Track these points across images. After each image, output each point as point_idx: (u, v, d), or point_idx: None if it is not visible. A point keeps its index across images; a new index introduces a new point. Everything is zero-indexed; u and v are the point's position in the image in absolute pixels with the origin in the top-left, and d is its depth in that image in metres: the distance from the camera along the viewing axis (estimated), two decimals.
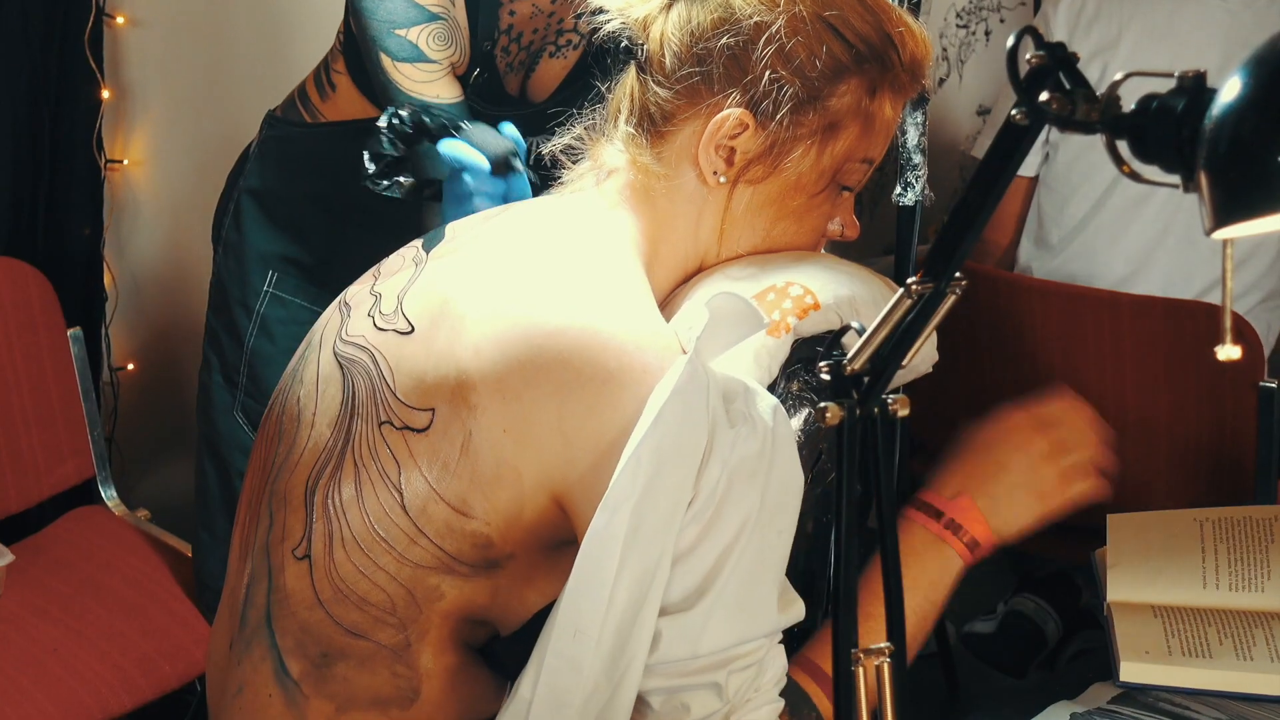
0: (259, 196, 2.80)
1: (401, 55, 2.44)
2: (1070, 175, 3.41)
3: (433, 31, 2.45)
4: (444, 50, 2.46)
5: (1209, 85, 1.10)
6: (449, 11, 2.47)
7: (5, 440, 2.99)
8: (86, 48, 3.31)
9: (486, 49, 2.52)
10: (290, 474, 1.68)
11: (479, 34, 2.50)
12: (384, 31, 2.44)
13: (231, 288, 2.81)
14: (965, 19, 4.77)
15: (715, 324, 1.52)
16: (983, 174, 1.20)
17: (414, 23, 2.44)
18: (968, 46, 4.80)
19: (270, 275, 2.77)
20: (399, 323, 1.65)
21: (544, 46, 2.62)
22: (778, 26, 1.69)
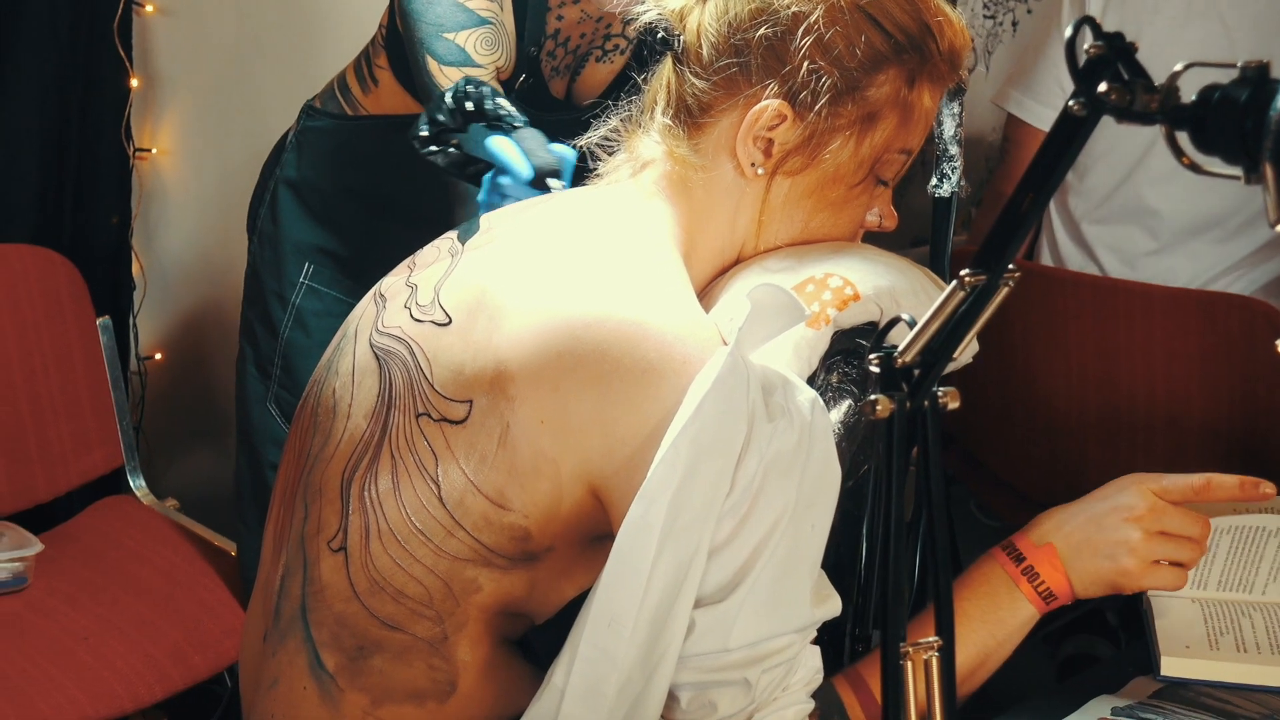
0: (296, 187, 2.80)
1: (449, 59, 2.44)
2: (1093, 143, 3.39)
3: (480, 36, 2.45)
4: (490, 55, 2.46)
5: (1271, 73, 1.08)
6: (497, 16, 2.47)
7: (34, 429, 3.00)
8: (115, 36, 3.33)
9: (533, 54, 2.52)
10: (326, 466, 1.67)
11: (526, 39, 2.51)
12: (432, 35, 2.44)
13: (267, 279, 2.81)
14: (992, 9, 4.75)
15: (756, 315, 1.51)
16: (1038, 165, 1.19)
17: (462, 27, 2.44)
18: (995, 37, 4.79)
19: (306, 267, 2.77)
20: (436, 314, 1.64)
21: (590, 51, 2.62)
22: (816, 16, 1.68)
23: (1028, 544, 1.84)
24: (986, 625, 1.78)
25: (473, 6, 2.45)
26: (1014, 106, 3.47)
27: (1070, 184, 3.46)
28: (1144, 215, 3.35)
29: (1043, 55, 3.40)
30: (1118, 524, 1.85)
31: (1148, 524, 1.85)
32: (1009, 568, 1.82)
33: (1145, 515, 1.85)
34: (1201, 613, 2.00)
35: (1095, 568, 1.83)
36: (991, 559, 1.84)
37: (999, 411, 3.33)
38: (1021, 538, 1.85)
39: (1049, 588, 1.81)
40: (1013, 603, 1.80)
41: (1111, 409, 3.11)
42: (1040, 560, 1.82)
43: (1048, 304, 3.15)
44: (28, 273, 3.00)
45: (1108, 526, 1.85)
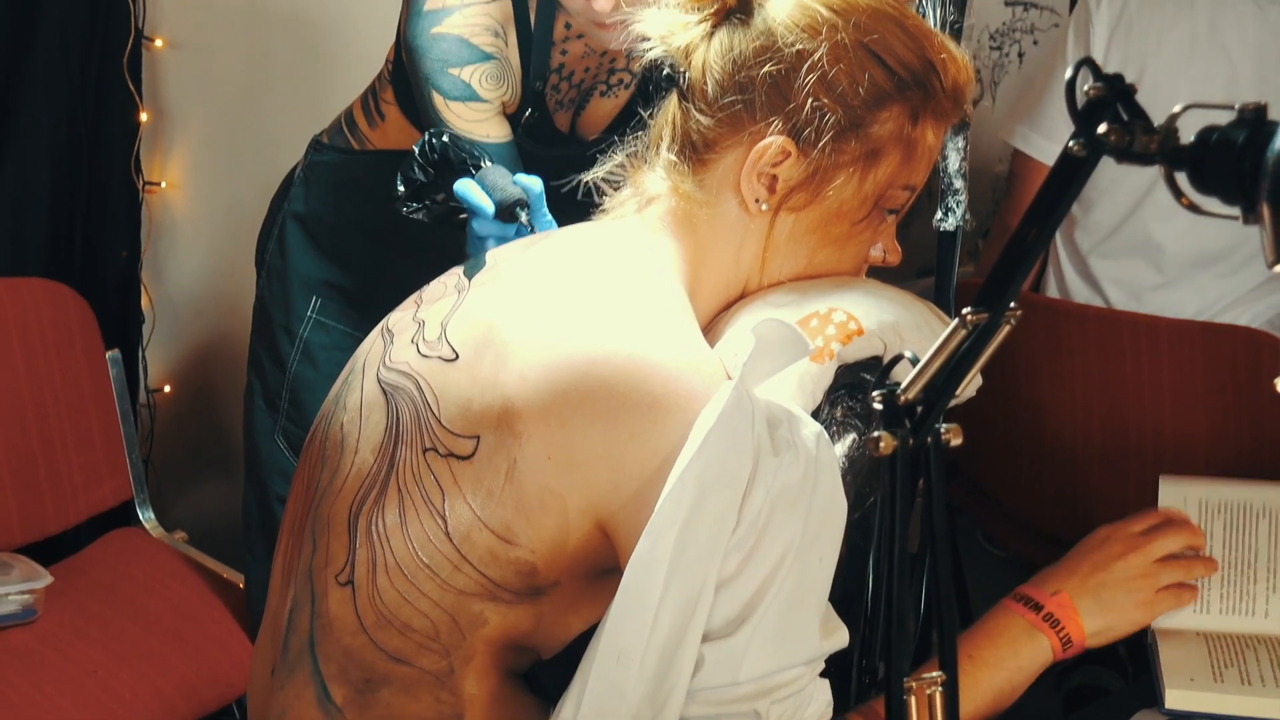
0: (304, 221, 2.81)
1: (454, 94, 2.45)
2: (1098, 178, 3.40)
3: (485, 71, 2.47)
4: (496, 90, 2.48)
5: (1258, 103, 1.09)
6: (502, 52, 2.48)
7: (44, 462, 3.01)
8: (125, 70, 3.34)
9: (538, 88, 2.54)
10: (334, 500, 1.67)
11: (531, 73, 2.52)
12: (438, 70, 2.45)
13: (275, 312, 2.82)
14: (998, 41, 4.77)
15: (761, 350, 1.52)
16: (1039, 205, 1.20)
17: (467, 62, 2.46)
18: (1001, 69, 4.80)
19: (314, 300, 2.78)
20: (443, 350, 1.65)
21: (595, 85, 2.63)
22: (820, 54, 1.68)
23: (1041, 594, 1.89)
24: (1004, 671, 1.82)
25: (478, 42, 2.46)
26: (1019, 141, 3.48)
27: (1076, 218, 3.47)
28: (1149, 249, 3.36)
29: (1047, 90, 3.42)
30: (1113, 562, 1.93)
31: (1144, 555, 1.95)
32: (1028, 616, 1.87)
33: (1139, 551, 1.95)
34: (1206, 645, 2.01)
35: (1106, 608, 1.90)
36: (1007, 610, 1.89)
37: (1004, 442, 3.34)
38: (1033, 589, 1.90)
39: (1068, 633, 1.86)
40: (1034, 649, 1.85)
41: (1117, 440, 3.12)
42: (1057, 607, 1.87)
43: (1053, 336, 3.15)
44: (39, 306, 3.01)
45: (1113, 570, 1.93)
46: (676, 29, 1.76)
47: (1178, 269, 3.33)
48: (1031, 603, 1.88)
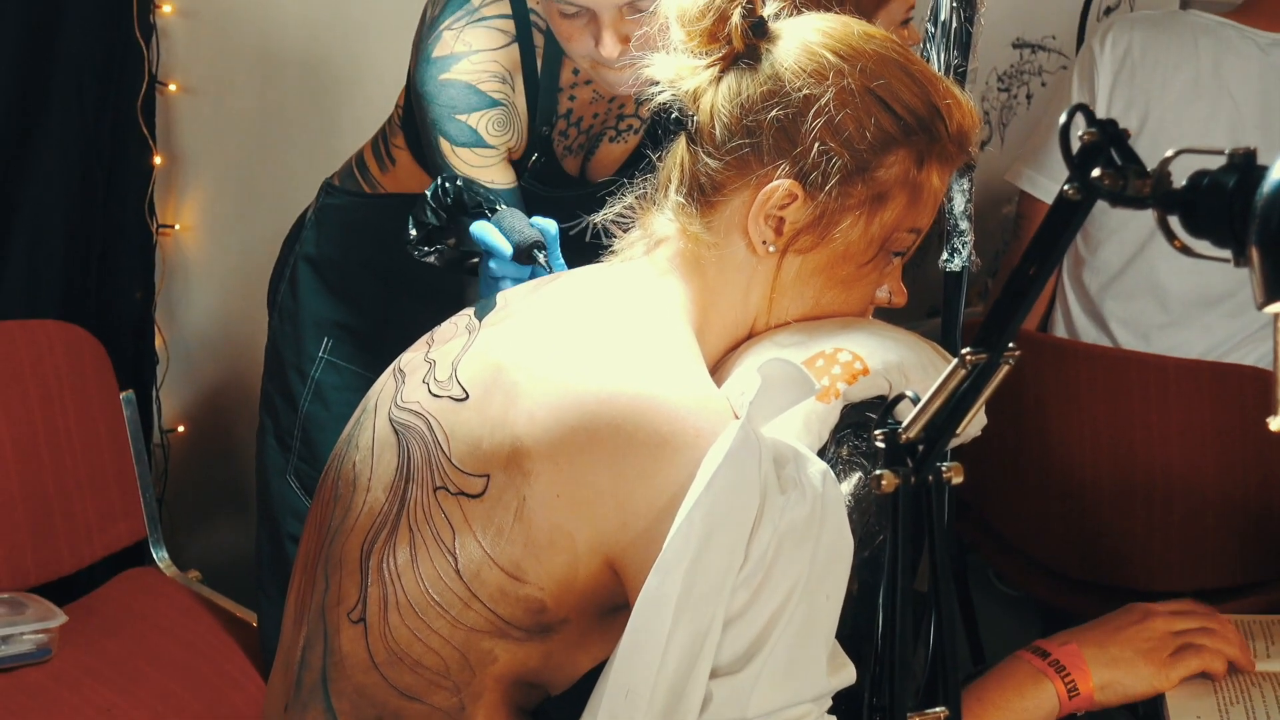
0: (315, 263, 2.83)
1: (461, 140, 2.48)
2: (1106, 219, 3.41)
3: (492, 118, 2.49)
4: (502, 136, 2.50)
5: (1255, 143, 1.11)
6: (509, 98, 2.50)
7: (59, 502, 3.01)
8: (139, 115, 3.36)
9: (544, 134, 2.56)
10: (346, 538, 1.69)
11: (538, 119, 2.54)
12: (444, 116, 2.47)
13: (286, 353, 2.84)
14: (1006, 82, 4.79)
15: (767, 389, 1.53)
16: (1035, 248, 1.22)
17: (474, 109, 2.48)
18: (1009, 110, 4.81)
19: (325, 341, 2.80)
20: (454, 389, 1.67)
21: (604, 131, 2.65)
22: (826, 99, 1.70)
23: (1052, 644, 1.90)
24: (1010, 714, 1.83)
25: (485, 89, 2.48)
26: (1026, 183, 3.49)
27: (1083, 258, 3.48)
28: (1155, 289, 3.37)
29: (1051, 133, 3.43)
30: (1136, 625, 1.94)
31: (1164, 622, 1.95)
32: (1035, 662, 1.88)
33: (1159, 617, 1.96)
34: (1211, 683, 2.02)
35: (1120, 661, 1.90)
36: (1017, 657, 1.90)
37: (1014, 481, 3.34)
38: (1045, 640, 1.92)
39: (1074, 681, 1.86)
40: (1038, 693, 1.85)
41: (1126, 479, 3.12)
42: (1065, 656, 1.88)
43: (1062, 375, 3.16)
44: (54, 348, 3.02)
45: (1128, 630, 1.94)
46: (685, 73, 1.78)
47: (1184, 309, 3.34)
48: (1041, 651, 1.89)
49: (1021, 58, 4.81)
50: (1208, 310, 3.32)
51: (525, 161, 2.58)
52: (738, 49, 1.75)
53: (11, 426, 2.95)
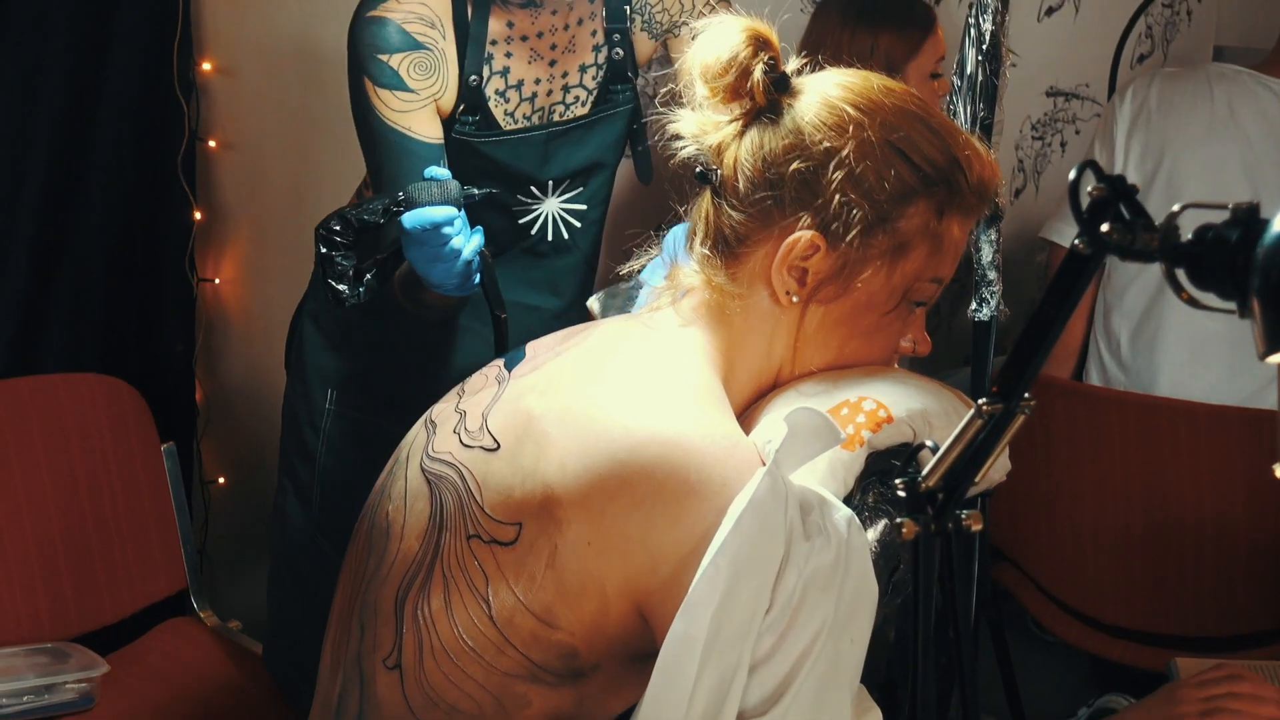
0: (315, 317, 2.86)
1: (382, 81, 2.49)
2: (1128, 267, 3.43)
3: (415, 61, 2.50)
4: (425, 81, 2.51)
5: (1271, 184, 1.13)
6: (437, 45, 2.51)
7: (101, 553, 3.04)
8: (180, 170, 3.39)
9: (473, 83, 2.56)
10: (380, 586, 1.72)
11: (466, 68, 2.55)
12: (368, 55, 2.49)
13: (299, 409, 2.87)
14: (1041, 131, 4.80)
15: (793, 438, 1.55)
16: (1048, 301, 1.24)
17: (396, 49, 2.49)
18: (1044, 158, 4.83)
19: (330, 394, 2.82)
20: (485, 440, 1.70)
21: (553, 108, 2.67)
22: (847, 151, 1.72)
23: None
24: None
25: (410, 29, 2.49)
26: (1055, 236, 3.52)
27: (1111, 305, 3.49)
28: (1182, 335, 3.38)
29: None
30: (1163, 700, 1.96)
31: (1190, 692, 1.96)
32: None
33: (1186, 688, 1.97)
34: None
35: None
36: None
37: (1047, 527, 3.35)
38: None
39: None
40: None
41: (1158, 525, 3.13)
42: None
43: (1093, 422, 3.17)
44: (95, 401, 3.05)
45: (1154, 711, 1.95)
46: (709, 128, 1.81)
47: (1212, 353, 3.35)
48: None
49: (1055, 106, 4.83)
50: (1235, 353, 3.32)
51: (453, 121, 2.59)
52: (760, 104, 1.77)
53: (54, 478, 2.98)
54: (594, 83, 2.68)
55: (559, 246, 2.76)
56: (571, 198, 2.71)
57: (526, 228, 2.72)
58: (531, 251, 2.76)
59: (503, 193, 2.65)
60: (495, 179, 2.61)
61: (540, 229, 2.72)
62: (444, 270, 2.35)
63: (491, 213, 2.65)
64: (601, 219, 2.82)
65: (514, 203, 2.68)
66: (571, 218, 2.73)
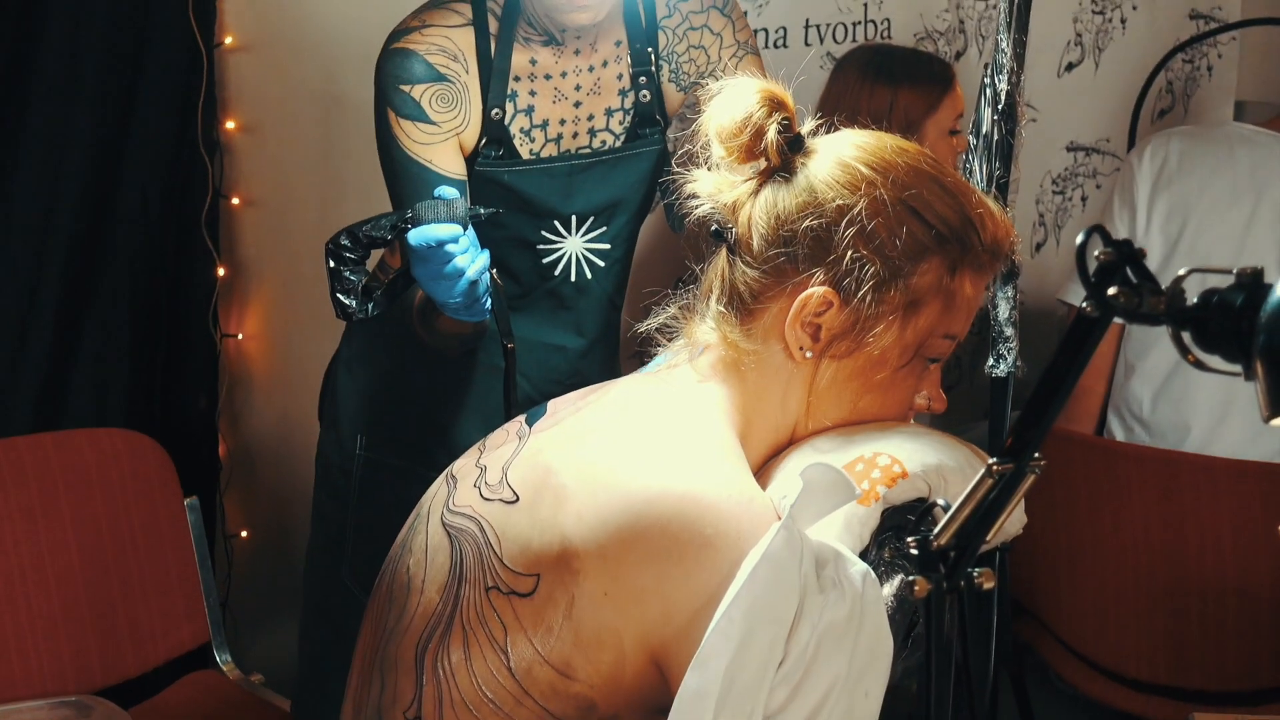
0: (349, 365, 2.88)
1: (404, 112, 2.52)
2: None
3: (436, 92, 2.53)
4: (446, 113, 2.54)
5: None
6: (459, 78, 2.54)
7: (124, 607, 3.05)
8: (203, 227, 3.42)
9: (495, 116, 2.58)
10: (401, 639, 1.74)
11: (489, 103, 2.58)
12: (391, 86, 2.52)
13: (331, 456, 2.89)
14: (1061, 185, 4.81)
15: (809, 493, 1.57)
16: (1056, 363, 1.26)
17: (419, 80, 2.52)
18: (1064, 212, 4.84)
19: (359, 439, 2.84)
20: (504, 493, 1.72)
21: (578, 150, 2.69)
22: (860, 209, 1.74)
23: None
24: None
25: (433, 61, 2.52)
26: (1071, 297, 3.53)
27: (1132, 365, 3.50)
28: (1203, 392, 3.39)
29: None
30: None
31: None
32: None
33: None
34: None
35: None
36: None
37: (1068, 581, 3.35)
38: None
39: None
40: None
41: (1179, 580, 3.13)
42: None
43: (1114, 477, 3.17)
44: (119, 455, 3.07)
45: None
46: (724, 187, 1.83)
47: (1233, 410, 3.36)
48: None
49: (1076, 161, 4.84)
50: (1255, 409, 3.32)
51: (476, 157, 2.61)
52: (774, 164, 1.79)
53: (78, 532, 3.00)
54: (620, 127, 2.70)
55: (581, 287, 2.78)
56: (595, 237, 2.73)
57: (550, 268, 2.73)
58: (555, 293, 2.78)
59: (526, 228, 2.67)
60: (519, 211, 2.64)
61: (564, 269, 2.73)
62: (447, 288, 2.37)
63: (516, 252, 2.68)
64: (626, 260, 2.83)
65: (538, 239, 2.70)
66: (595, 257, 2.74)
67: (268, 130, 3.54)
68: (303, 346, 3.64)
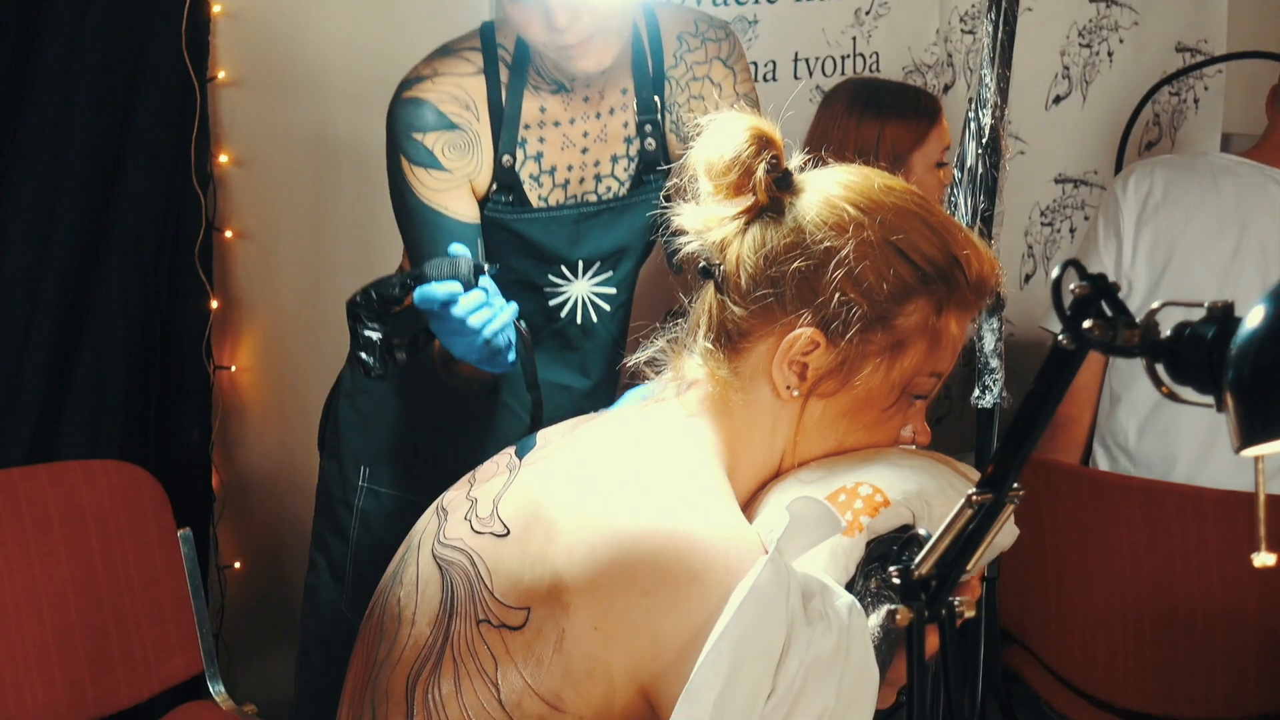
0: (352, 397, 2.90)
1: (417, 159, 2.55)
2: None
3: (448, 140, 2.56)
4: (459, 160, 2.57)
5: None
6: (470, 126, 2.57)
7: (118, 637, 3.05)
8: (197, 260, 3.44)
9: (506, 164, 2.61)
10: (391, 671, 1.75)
11: (500, 149, 2.60)
12: (404, 134, 2.55)
13: (333, 487, 2.90)
14: (1050, 217, 4.82)
15: (795, 526, 1.58)
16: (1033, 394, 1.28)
17: (431, 129, 2.55)
18: (1053, 244, 4.84)
19: (363, 470, 2.85)
20: (495, 526, 1.73)
21: (584, 196, 2.71)
22: (847, 251, 1.74)
23: None
24: None
25: (444, 110, 2.56)
26: (1052, 324, 3.54)
27: (1118, 395, 3.51)
28: (1189, 421, 3.40)
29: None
30: None
31: None
32: None
33: None
34: None
35: None
36: None
37: (1057, 610, 3.35)
38: None
39: None
40: None
41: (1167, 609, 3.13)
42: None
43: (1100, 507, 3.17)
44: (113, 487, 3.08)
45: None
46: (712, 224, 1.83)
47: (1219, 441, 3.36)
48: None
49: (1064, 192, 4.85)
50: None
51: (487, 201, 2.64)
52: (762, 202, 1.80)
53: (72, 563, 3.01)
54: (625, 174, 2.72)
55: (587, 329, 2.80)
56: (601, 281, 2.75)
57: (557, 310, 2.75)
58: (561, 334, 2.79)
59: (534, 272, 2.70)
60: (527, 256, 2.67)
61: (570, 312, 2.76)
62: (464, 345, 2.39)
63: (523, 294, 2.68)
64: (628, 302, 2.86)
65: (545, 283, 2.72)
66: (601, 301, 2.76)
67: (260, 164, 3.56)
68: (295, 378, 3.66)
